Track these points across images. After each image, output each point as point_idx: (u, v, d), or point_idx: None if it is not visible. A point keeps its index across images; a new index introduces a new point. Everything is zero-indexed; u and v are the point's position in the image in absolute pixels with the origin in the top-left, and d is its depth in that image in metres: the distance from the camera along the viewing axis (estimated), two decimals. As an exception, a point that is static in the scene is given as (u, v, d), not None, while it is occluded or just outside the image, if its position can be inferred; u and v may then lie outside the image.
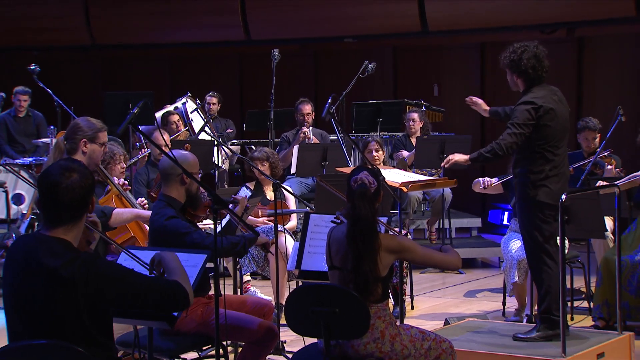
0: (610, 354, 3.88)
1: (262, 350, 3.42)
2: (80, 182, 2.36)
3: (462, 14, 8.09)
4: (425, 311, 5.45)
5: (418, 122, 7.10)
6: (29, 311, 2.35)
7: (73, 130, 3.64)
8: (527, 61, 3.91)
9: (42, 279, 2.32)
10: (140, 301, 2.39)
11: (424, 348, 3.06)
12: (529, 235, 3.95)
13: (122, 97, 7.30)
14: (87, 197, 2.39)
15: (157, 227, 3.42)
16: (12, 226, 6.52)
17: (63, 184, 2.34)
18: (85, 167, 2.44)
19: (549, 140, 3.90)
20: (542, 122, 3.88)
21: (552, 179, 3.91)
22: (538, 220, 3.91)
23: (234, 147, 7.79)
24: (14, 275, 2.38)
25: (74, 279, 2.29)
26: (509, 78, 4.03)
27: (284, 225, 5.23)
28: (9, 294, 2.39)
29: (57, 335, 2.31)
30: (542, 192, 3.89)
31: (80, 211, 2.39)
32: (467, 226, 7.77)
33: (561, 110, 3.97)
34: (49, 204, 2.36)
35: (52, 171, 2.38)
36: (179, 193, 3.50)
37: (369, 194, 3.07)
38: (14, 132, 7.76)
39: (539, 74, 3.94)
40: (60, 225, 2.37)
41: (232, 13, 8.62)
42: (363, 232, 3.02)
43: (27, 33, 9.07)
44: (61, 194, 2.34)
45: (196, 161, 3.58)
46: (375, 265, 3.00)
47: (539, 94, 3.92)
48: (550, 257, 3.93)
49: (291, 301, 3.05)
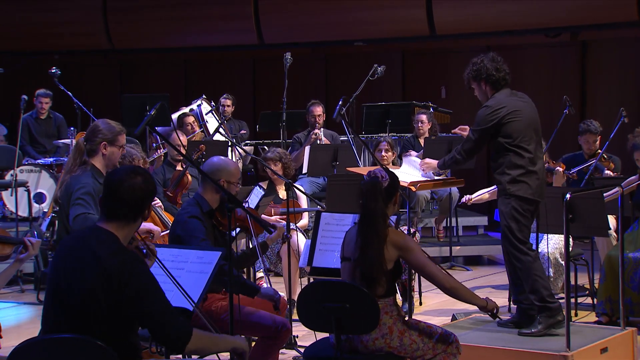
0: (613, 348, 3.93)
1: (275, 345, 3.48)
2: (143, 185, 2.50)
3: (469, 18, 8.14)
4: (433, 307, 5.49)
5: (426, 123, 7.16)
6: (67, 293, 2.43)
7: (93, 132, 3.67)
8: (490, 65, 4.02)
9: (88, 264, 2.42)
10: (146, 318, 2.43)
11: (432, 342, 3.11)
12: (508, 230, 3.98)
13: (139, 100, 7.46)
14: (145, 201, 2.51)
15: (180, 219, 3.52)
16: (34, 224, 6.69)
17: (126, 182, 2.48)
18: (150, 175, 2.58)
19: (515, 136, 3.96)
20: (503, 120, 3.96)
21: (530, 175, 3.96)
22: (518, 214, 3.95)
23: (248, 148, 7.82)
24: (63, 259, 2.50)
25: (112, 273, 2.40)
26: (477, 92, 4.13)
27: (296, 224, 5.30)
28: (53, 279, 2.49)
29: (87, 325, 2.40)
30: (521, 188, 3.95)
31: (136, 212, 2.51)
32: (474, 224, 7.81)
33: (526, 109, 4.04)
34: (110, 198, 2.49)
35: (120, 170, 2.55)
36: (212, 197, 3.56)
37: (379, 186, 3.15)
38: (36, 133, 7.86)
39: (503, 75, 4.03)
40: (115, 220, 2.49)
41: (246, 18, 8.69)
42: (371, 220, 3.09)
43: (49, 38, 9.21)
44: (123, 191, 2.47)
45: (237, 170, 3.62)
46: (381, 254, 3.06)
47: (498, 97, 4.03)
48: (530, 249, 4.00)
49: (303, 297, 3.10)
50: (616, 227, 5.31)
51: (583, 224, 4.28)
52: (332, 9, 8.58)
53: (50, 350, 2.34)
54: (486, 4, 8.20)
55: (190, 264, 3.02)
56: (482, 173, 8.92)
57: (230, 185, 3.57)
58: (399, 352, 3.09)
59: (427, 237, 7.23)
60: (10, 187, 6.91)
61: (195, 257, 3.04)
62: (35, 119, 7.91)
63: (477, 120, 4.05)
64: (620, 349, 4.02)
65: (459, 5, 8.22)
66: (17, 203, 6.91)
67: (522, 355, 3.77)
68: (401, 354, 3.10)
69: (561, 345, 3.73)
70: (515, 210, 3.97)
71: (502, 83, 4.05)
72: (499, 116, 3.98)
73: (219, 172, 3.53)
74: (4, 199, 7.19)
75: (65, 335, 2.38)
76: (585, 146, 5.87)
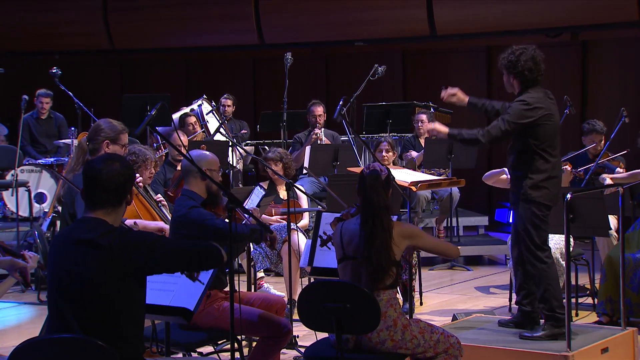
0: (614, 348, 3.93)
1: (276, 345, 3.47)
2: (121, 169, 2.55)
3: (469, 18, 8.15)
4: (434, 307, 5.49)
5: (427, 123, 7.16)
6: (72, 287, 2.44)
7: (96, 131, 3.72)
8: (525, 63, 3.92)
9: (81, 251, 2.46)
10: (172, 260, 2.52)
11: (433, 340, 3.13)
12: (527, 235, 3.93)
13: (140, 100, 7.46)
14: (127, 185, 2.56)
15: (179, 216, 3.51)
16: (35, 224, 6.69)
17: (105, 170, 2.52)
18: (126, 159, 2.62)
19: (544, 140, 3.91)
20: (538, 122, 3.89)
21: (552, 180, 3.93)
22: (538, 220, 3.91)
23: (248, 148, 7.82)
24: (58, 255, 2.52)
25: (111, 247, 2.44)
26: (505, 79, 4.03)
27: (296, 224, 5.30)
28: (54, 276, 2.51)
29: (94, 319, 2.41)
30: (543, 194, 3.89)
31: (120, 197, 2.55)
32: (475, 224, 7.82)
33: (557, 113, 4.01)
34: (92, 187, 2.53)
35: (97, 159, 2.59)
36: (200, 189, 3.59)
37: (380, 179, 3.16)
38: (36, 133, 7.87)
39: (535, 76, 3.95)
40: (101, 207, 2.53)
41: (246, 18, 8.71)
42: (375, 214, 3.09)
43: (50, 38, 9.23)
44: (103, 179, 2.51)
45: (215, 159, 3.67)
46: (388, 244, 3.07)
47: (535, 95, 3.94)
48: (548, 256, 3.94)
49: (303, 297, 3.11)
50: (617, 227, 5.31)
51: (584, 224, 4.29)
52: (332, 9, 8.59)
53: (51, 350, 2.34)
54: (487, 4, 8.21)
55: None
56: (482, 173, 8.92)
57: (213, 173, 3.62)
58: (400, 346, 3.10)
59: (428, 237, 7.24)
60: (11, 187, 6.93)
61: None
62: (35, 119, 7.92)
63: (513, 113, 3.90)
64: (621, 349, 4.01)
65: (459, 5, 8.23)
66: (18, 203, 6.92)
67: (522, 355, 3.77)
68: (402, 349, 3.11)
69: (562, 346, 3.74)
70: (534, 216, 3.91)
71: (531, 84, 3.97)
72: (536, 116, 3.89)
73: (200, 162, 3.57)
74: (4, 199, 7.20)
75: (66, 335, 2.39)
76: (592, 146, 5.86)
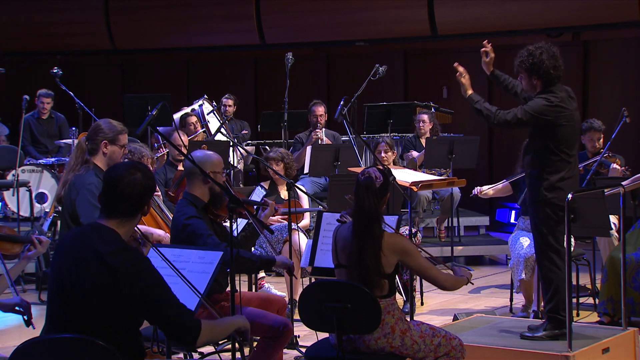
0: (615, 348, 3.92)
1: (277, 345, 3.47)
2: (142, 180, 2.51)
3: (471, 18, 8.16)
4: (435, 307, 5.51)
5: (428, 123, 7.17)
6: (71, 292, 2.43)
7: (94, 131, 3.71)
8: (549, 62, 3.84)
9: (91, 262, 2.43)
10: (156, 313, 2.44)
11: (434, 344, 3.11)
12: (540, 235, 3.90)
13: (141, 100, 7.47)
14: (145, 197, 2.52)
15: (177, 224, 3.51)
16: (36, 224, 6.72)
17: (127, 178, 2.49)
18: (150, 170, 2.58)
19: (563, 141, 3.85)
20: (559, 121, 3.83)
21: (568, 181, 3.87)
22: (552, 222, 3.86)
23: (249, 148, 7.84)
24: (64, 257, 2.49)
25: (118, 271, 2.40)
26: (526, 81, 3.93)
27: (297, 224, 5.29)
28: (56, 278, 2.49)
29: (92, 323, 2.40)
30: (558, 195, 3.83)
31: (137, 208, 2.51)
32: (476, 224, 7.82)
33: (577, 114, 3.95)
34: (110, 194, 2.50)
35: (119, 166, 2.55)
36: (202, 192, 3.57)
37: (373, 186, 3.12)
38: (37, 133, 7.89)
39: (559, 73, 3.88)
40: (116, 217, 2.50)
41: (248, 18, 8.73)
42: (366, 222, 3.07)
43: (51, 38, 9.24)
44: (123, 187, 2.48)
45: (220, 160, 3.64)
46: (378, 258, 3.04)
47: (558, 94, 3.86)
48: (560, 258, 3.89)
49: (304, 297, 3.11)
50: (618, 227, 5.30)
51: (585, 224, 4.26)
52: (333, 9, 8.61)
53: (52, 350, 2.34)
54: (488, 4, 8.22)
55: (192, 264, 3.02)
56: (483, 173, 8.93)
57: (217, 175, 3.57)
58: (400, 352, 3.09)
59: (429, 237, 7.24)
60: (12, 187, 6.94)
61: (197, 257, 3.05)
62: (36, 119, 7.94)
63: (534, 105, 3.84)
64: (622, 349, 4.01)
65: (460, 5, 8.24)
66: (19, 203, 6.93)
67: (523, 355, 3.77)
68: (403, 354, 3.10)
69: (563, 346, 3.75)
70: (549, 218, 3.88)
71: (555, 81, 3.90)
72: (556, 116, 3.84)
73: (204, 164, 3.53)
74: (5, 199, 7.21)
75: (67, 335, 2.38)
76: (590, 144, 5.84)
